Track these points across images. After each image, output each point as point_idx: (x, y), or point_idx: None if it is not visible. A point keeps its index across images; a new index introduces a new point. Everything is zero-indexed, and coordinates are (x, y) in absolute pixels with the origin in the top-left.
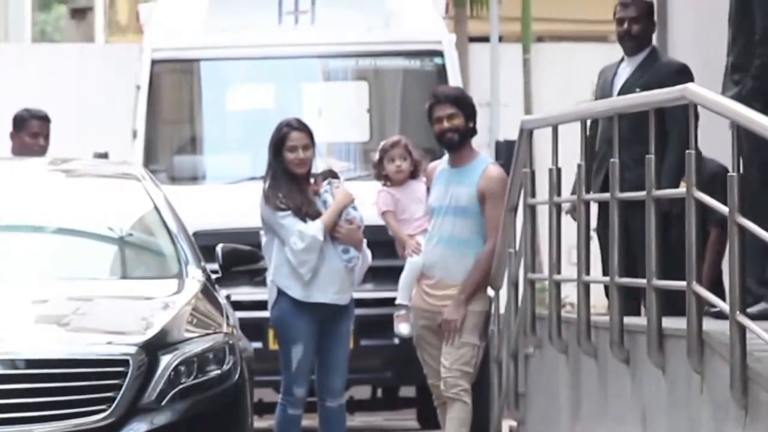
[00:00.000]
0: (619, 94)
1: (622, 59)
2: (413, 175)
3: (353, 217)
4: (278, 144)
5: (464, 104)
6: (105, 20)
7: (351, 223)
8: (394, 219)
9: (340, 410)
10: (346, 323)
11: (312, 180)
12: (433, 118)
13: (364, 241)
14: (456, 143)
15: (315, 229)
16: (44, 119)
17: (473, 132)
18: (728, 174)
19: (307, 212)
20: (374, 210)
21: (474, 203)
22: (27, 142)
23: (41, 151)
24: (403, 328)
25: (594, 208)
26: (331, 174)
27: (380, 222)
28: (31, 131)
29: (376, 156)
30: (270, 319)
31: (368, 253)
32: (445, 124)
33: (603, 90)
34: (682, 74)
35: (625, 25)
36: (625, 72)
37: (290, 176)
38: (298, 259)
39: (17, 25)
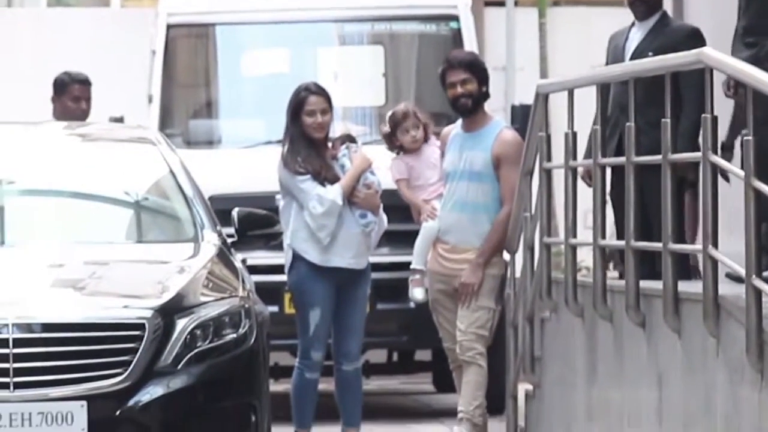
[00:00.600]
0: (632, 58)
1: (633, 24)
2: (424, 139)
3: (371, 182)
4: (296, 108)
5: (477, 69)
6: None
7: (369, 187)
8: (407, 187)
9: (356, 374)
10: (362, 288)
11: (330, 144)
12: (446, 83)
13: (381, 205)
14: (470, 108)
15: (334, 193)
16: (85, 82)
17: (486, 96)
18: (744, 138)
19: (325, 176)
20: (389, 174)
21: (488, 168)
22: (69, 107)
23: (83, 115)
24: (417, 293)
25: (608, 173)
26: (349, 138)
27: (396, 186)
28: (73, 95)
29: (386, 127)
30: (287, 283)
31: (384, 217)
32: (459, 90)
33: (614, 55)
34: (695, 38)
35: None
36: (636, 36)
37: (308, 140)
38: (317, 223)
39: None
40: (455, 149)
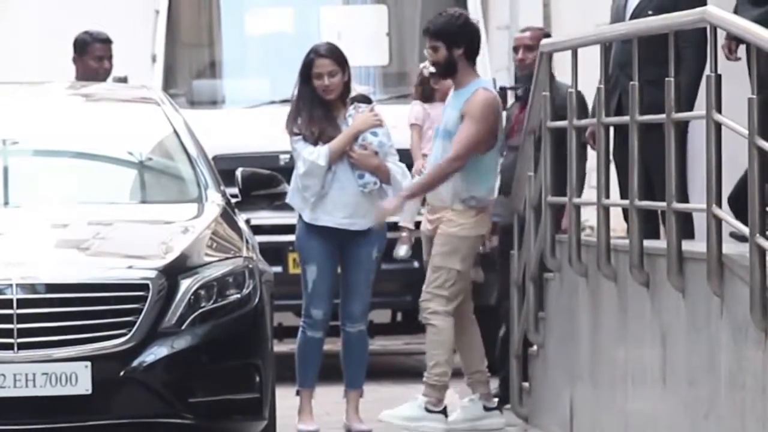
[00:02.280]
0: (632, 17)
1: None
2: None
3: (369, 143)
4: (305, 71)
5: (444, 35)
6: None
7: (365, 148)
8: (418, 134)
9: (360, 336)
10: (365, 248)
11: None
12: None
13: (396, 162)
14: (441, 75)
15: (318, 154)
16: (106, 41)
17: (467, 58)
18: (748, 97)
19: (330, 137)
20: (399, 133)
21: (457, 126)
22: (91, 66)
23: (106, 74)
24: (400, 250)
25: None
26: (362, 99)
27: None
28: (95, 54)
29: (430, 69)
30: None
31: (400, 173)
32: (430, 58)
33: (617, 14)
34: None
35: None
36: None
37: (320, 101)
38: (301, 183)
39: None
40: (445, 107)
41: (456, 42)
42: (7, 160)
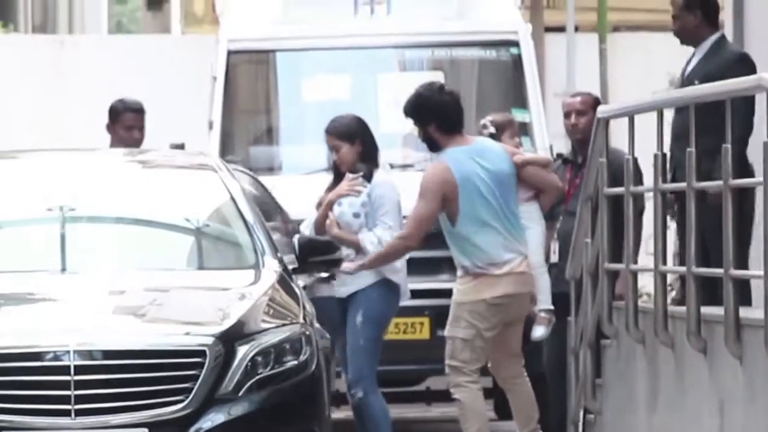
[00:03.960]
0: (683, 85)
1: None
2: None
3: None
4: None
5: (414, 114)
6: (181, 11)
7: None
8: None
9: (359, 403)
10: (351, 315)
11: None
12: None
13: (377, 231)
14: (431, 150)
15: (306, 223)
16: (139, 111)
17: (440, 132)
18: None
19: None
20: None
21: None
22: (122, 136)
23: (136, 144)
24: (538, 332)
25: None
26: (371, 167)
27: None
28: (126, 124)
29: (490, 129)
30: None
31: (373, 243)
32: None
33: (680, 82)
34: (742, 63)
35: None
36: (693, 62)
37: (337, 172)
38: None
39: (94, 17)
40: None
41: (424, 120)
42: (64, 227)
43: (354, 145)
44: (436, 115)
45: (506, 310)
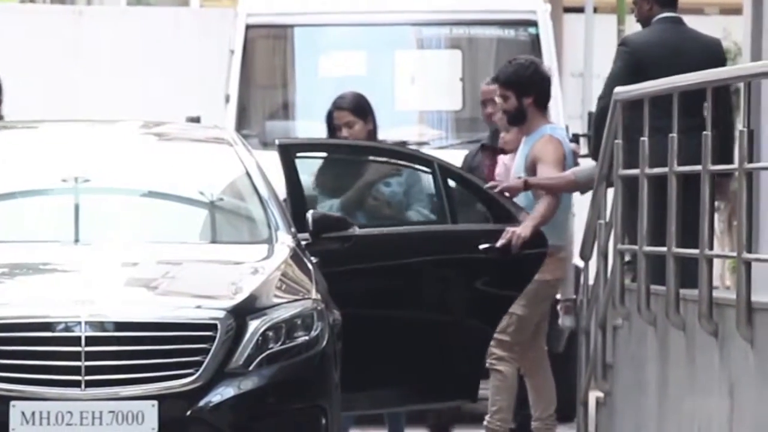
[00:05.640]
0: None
1: None
2: None
3: (381, 194)
4: (328, 122)
5: (514, 84)
6: None
7: (378, 199)
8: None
9: None
10: None
11: None
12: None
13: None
14: (510, 122)
15: (329, 206)
16: None
17: (536, 106)
18: None
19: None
20: None
21: (521, 173)
22: None
23: None
24: (566, 321)
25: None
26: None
27: None
28: None
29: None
30: None
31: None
32: (499, 107)
33: None
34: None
35: None
36: None
37: None
38: None
39: None
40: (517, 155)
41: (526, 91)
42: (78, 198)
43: (366, 123)
44: (539, 88)
45: (554, 294)
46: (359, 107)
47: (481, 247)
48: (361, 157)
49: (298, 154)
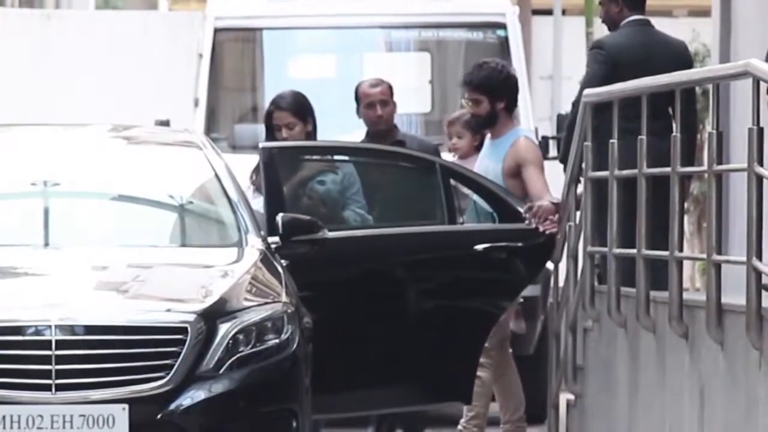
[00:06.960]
0: None
1: None
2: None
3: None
4: (267, 122)
5: (486, 88)
6: None
7: (312, 198)
8: None
9: None
10: None
11: None
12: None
13: (356, 209)
14: (480, 126)
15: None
16: None
17: (507, 110)
18: None
19: None
20: None
21: (498, 178)
22: None
23: None
24: (514, 325)
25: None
26: None
27: None
28: None
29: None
30: None
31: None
32: (470, 110)
33: None
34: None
35: None
36: None
37: None
38: None
39: None
40: (481, 157)
41: (499, 95)
42: (48, 202)
43: (306, 125)
44: (511, 93)
45: None
46: (300, 108)
47: (480, 247)
48: (359, 159)
49: (284, 157)
